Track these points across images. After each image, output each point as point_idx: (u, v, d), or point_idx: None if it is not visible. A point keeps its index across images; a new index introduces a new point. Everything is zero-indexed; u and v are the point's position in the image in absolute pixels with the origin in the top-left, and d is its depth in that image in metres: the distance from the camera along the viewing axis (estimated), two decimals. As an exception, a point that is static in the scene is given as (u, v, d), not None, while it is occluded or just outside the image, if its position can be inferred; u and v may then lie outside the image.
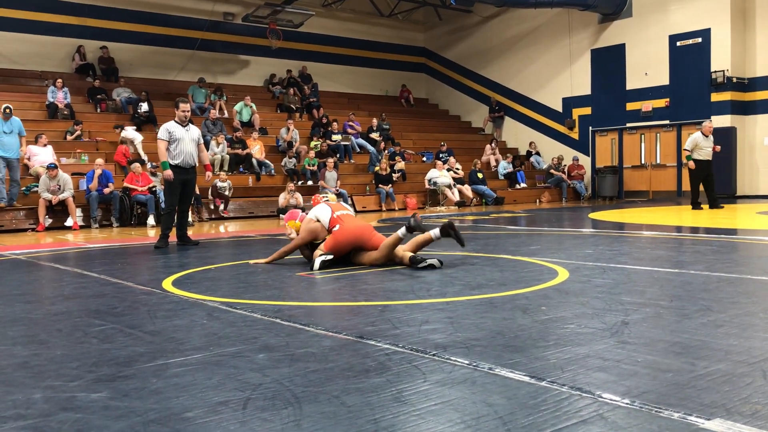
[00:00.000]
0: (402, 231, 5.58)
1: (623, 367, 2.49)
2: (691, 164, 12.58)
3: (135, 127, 15.26)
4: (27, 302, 4.41)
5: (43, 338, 3.32)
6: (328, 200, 6.48)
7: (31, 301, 4.50)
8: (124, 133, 14.53)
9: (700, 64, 17.65)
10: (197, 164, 8.39)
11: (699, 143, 12.64)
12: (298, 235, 6.10)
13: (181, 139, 8.08)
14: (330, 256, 5.59)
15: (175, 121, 8.19)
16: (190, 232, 8.68)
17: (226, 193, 13.86)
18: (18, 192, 12.02)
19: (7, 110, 11.90)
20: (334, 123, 18.29)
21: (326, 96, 21.59)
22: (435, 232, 5.61)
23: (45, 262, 6.80)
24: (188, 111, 8.28)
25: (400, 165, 17.58)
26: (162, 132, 8.11)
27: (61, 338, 3.31)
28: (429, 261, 5.41)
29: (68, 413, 2.17)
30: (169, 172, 7.95)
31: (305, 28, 21.10)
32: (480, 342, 2.93)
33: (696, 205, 12.66)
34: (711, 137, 12.76)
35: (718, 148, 12.77)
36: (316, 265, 5.50)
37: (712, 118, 17.57)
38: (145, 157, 13.94)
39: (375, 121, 19.34)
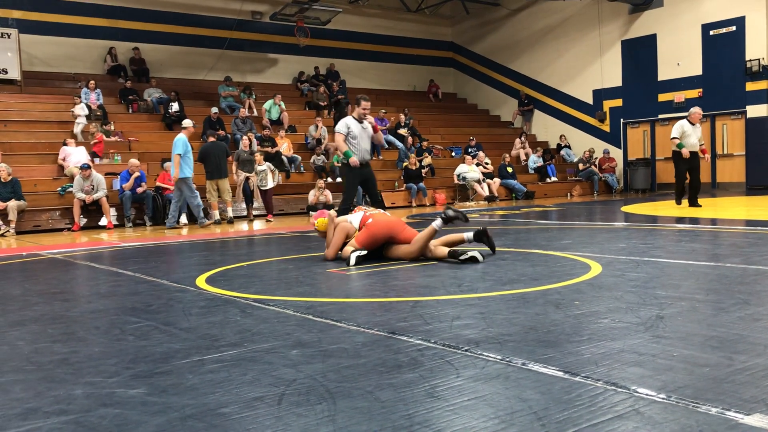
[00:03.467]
0: (438, 223, 5.54)
1: (659, 362, 2.46)
2: (686, 151, 11.22)
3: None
4: (65, 300, 4.50)
5: (82, 335, 3.39)
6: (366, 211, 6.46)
7: (69, 299, 4.59)
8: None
9: (734, 52, 17.30)
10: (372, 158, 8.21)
11: (686, 131, 11.44)
12: (320, 233, 6.23)
13: (359, 136, 7.85)
14: (364, 252, 5.63)
15: (354, 117, 7.96)
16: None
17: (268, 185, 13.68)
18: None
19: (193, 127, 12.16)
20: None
21: (354, 92, 21.50)
22: (468, 234, 5.69)
23: (81, 261, 6.93)
24: (368, 109, 7.99)
25: (428, 160, 17.54)
26: (341, 126, 7.89)
27: (99, 335, 3.37)
28: (471, 253, 5.38)
29: (108, 409, 2.21)
30: (354, 159, 7.73)
31: (332, 26, 21.15)
32: (513, 337, 2.92)
33: (680, 200, 11.67)
34: (699, 127, 11.62)
35: (708, 154, 11.56)
36: (352, 261, 5.54)
37: (747, 108, 17.26)
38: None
39: (403, 117, 19.32)
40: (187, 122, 12.21)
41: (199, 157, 12.27)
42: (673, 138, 11.54)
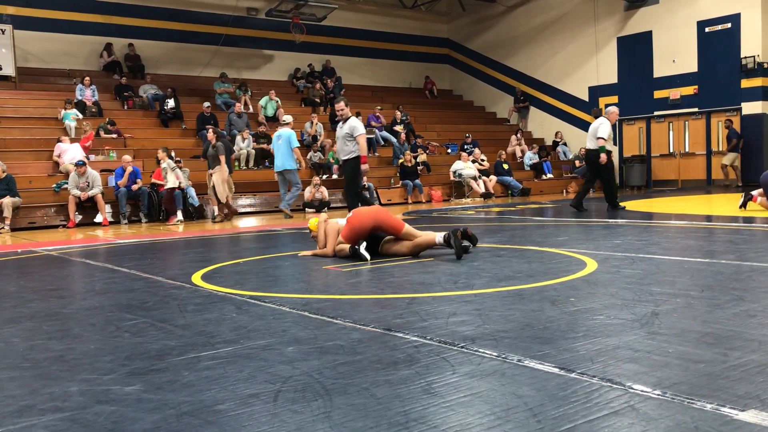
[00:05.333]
0: (439, 239, 5.57)
1: (654, 358, 2.47)
2: (604, 157, 10.38)
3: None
4: (60, 297, 4.49)
5: (77, 332, 3.38)
6: None
7: (64, 296, 4.58)
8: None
9: (730, 49, 17.34)
10: (350, 157, 8.75)
11: (610, 133, 10.65)
12: (312, 233, 6.39)
13: (337, 138, 8.75)
14: (363, 243, 5.66)
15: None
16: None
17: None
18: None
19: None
20: (359, 117, 18.28)
21: (350, 89, 21.60)
22: (439, 239, 5.63)
23: (76, 258, 6.92)
24: (341, 110, 8.69)
25: (423, 157, 17.54)
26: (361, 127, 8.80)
27: (95, 332, 3.37)
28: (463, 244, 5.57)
29: (103, 406, 2.21)
30: (365, 167, 8.77)
31: (328, 22, 21.11)
32: (508, 334, 2.92)
33: (616, 203, 10.75)
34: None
35: (605, 157, 10.45)
36: (366, 255, 5.59)
37: (742, 105, 17.30)
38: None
39: (399, 114, 19.32)
40: (287, 117, 12.95)
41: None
42: (600, 138, 10.49)
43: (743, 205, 9.31)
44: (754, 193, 9.43)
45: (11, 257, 7.26)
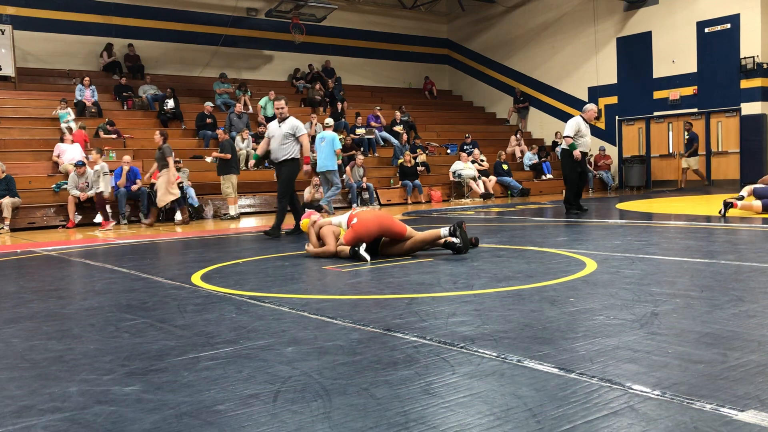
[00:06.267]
0: (444, 232, 5.76)
1: (653, 359, 2.47)
2: (578, 153, 10.04)
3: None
4: (60, 298, 4.49)
5: (77, 333, 3.38)
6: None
7: (64, 296, 4.58)
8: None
9: (729, 50, 17.34)
10: (288, 158, 8.51)
11: (581, 130, 10.16)
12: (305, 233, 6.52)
13: (273, 136, 8.48)
14: (363, 245, 5.66)
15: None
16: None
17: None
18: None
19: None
20: (359, 118, 18.30)
21: (349, 89, 21.61)
22: (444, 231, 5.83)
23: (76, 258, 6.91)
24: (281, 108, 8.47)
25: (422, 157, 17.54)
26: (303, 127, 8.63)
27: (94, 333, 3.36)
28: (457, 244, 5.70)
29: (103, 406, 2.21)
30: (308, 167, 8.66)
31: (328, 22, 21.11)
32: (508, 334, 2.93)
33: (577, 206, 10.29)
34: (588, 126, 10.37)
35: (579, 154, 10.10)
36: (366, 257, 5.60)
37: (742, 105, 17.30)
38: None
39: (398, 114, 19.31)
40: (329, 121, 13.26)
41: (227, 152, 12.74)
42: (566, 137, 10.25)
43: (724, 214, 9.14)
44: (739, 195, 9.36)
45: (11, 257, 7.25)
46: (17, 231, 11.31)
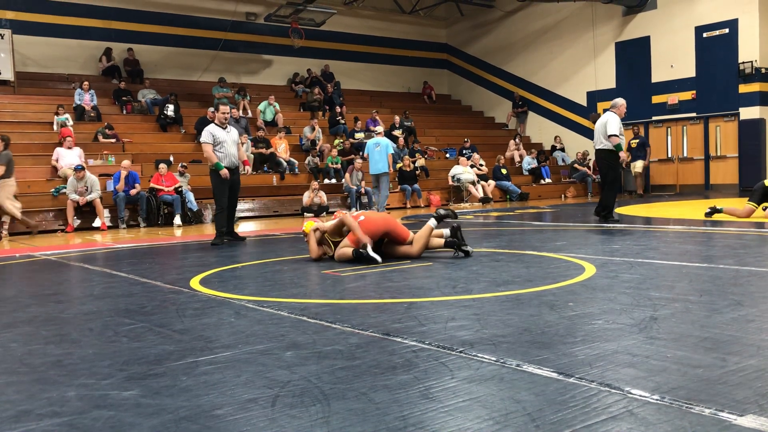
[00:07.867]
0: (432, 222, 5.95)
1: (652, 363, 2.47)
2: (624, 155, 9.29)
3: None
4: (58, 302, 4.48)
5: (75, 337, 3.38)
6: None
7: (63, 300, 4.57)
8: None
9: (728, 55, 17.37)
10: (240, 164, 8.70)
11: (621, 129, 9.22)
12: (306, 237, 6.40)
13: (224, 142, 8.35)
14: (369, 246, 5.70)
15: (216, 124, 8.45)
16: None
17: None
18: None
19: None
20: (358, 122, 18.31)
21: (349, 94, 21.63)
22: (446, 231, 6.07)
23: (75, 263, 6.91)
24: (227, 113, 8.53)
25: (421, 162, 17.55)
26: (206, 135, 8.34)
27: (93, 337, 3.36)
28: (465, 248, 5.86)
29: (101, 411, 2.20)
30: (225, 172, 8.22)
31: (327, 27, 21.14)
32: (507, 338, 2.92)
33: (611, 213, 9.41)
34: None
35: (626, 155, 9.34)
36: (377, 258, 5.63)
37: (740, 110, 17.32)
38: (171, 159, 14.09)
39: (397, 119, 19.32)
40: (380, 128, 13.22)
41: None
42: (613, 135, 9.03)
43: (710, 215, 9.12)
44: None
45: (9, 262, 7.25)
46: (16, 235, 11.29)
